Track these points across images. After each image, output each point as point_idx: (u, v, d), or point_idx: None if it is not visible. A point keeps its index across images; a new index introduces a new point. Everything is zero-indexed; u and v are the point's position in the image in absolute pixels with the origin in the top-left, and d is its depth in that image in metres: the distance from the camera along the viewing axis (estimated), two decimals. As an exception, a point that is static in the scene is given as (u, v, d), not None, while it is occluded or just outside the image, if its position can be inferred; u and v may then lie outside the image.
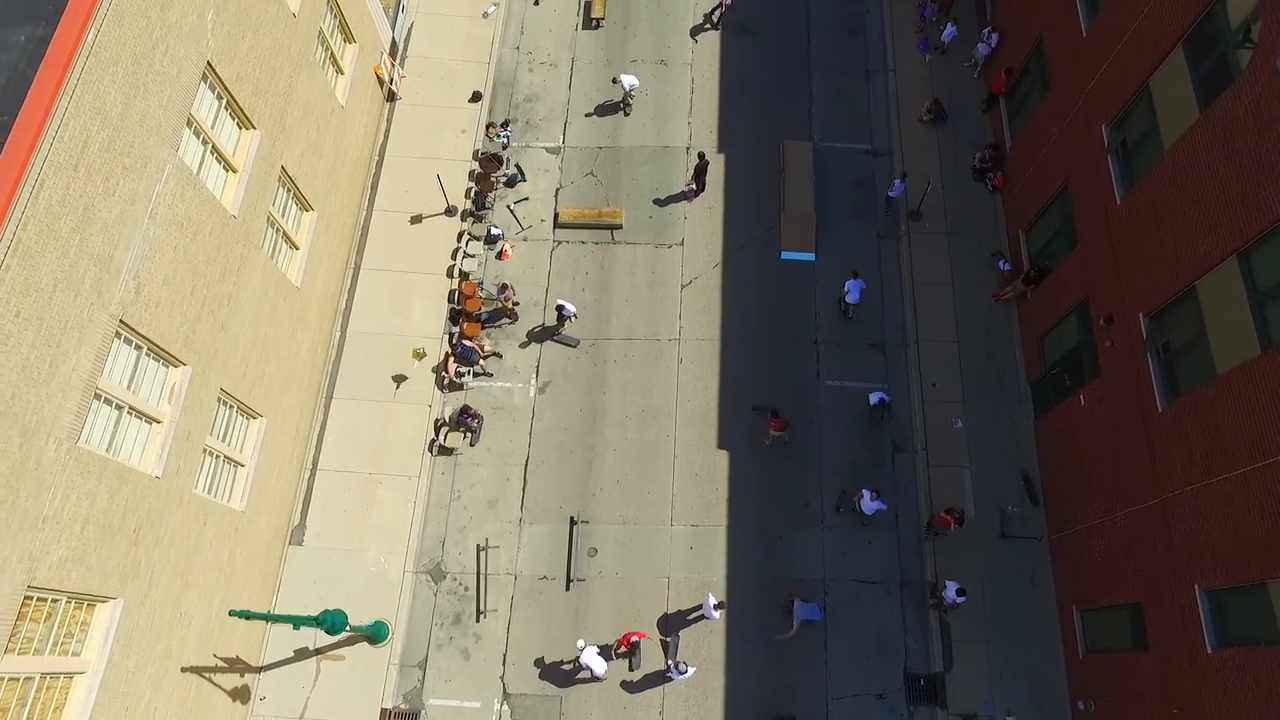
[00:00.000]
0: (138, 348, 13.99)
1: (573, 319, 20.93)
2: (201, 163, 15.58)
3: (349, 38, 21.96)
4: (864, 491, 19.03)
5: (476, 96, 24.60)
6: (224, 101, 16.16)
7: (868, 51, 25.34)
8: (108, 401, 13.33)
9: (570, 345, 21.44)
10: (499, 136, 23.86)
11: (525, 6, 26.23)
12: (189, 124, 15.07)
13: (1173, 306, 15.25)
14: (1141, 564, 15.77)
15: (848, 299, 21.28)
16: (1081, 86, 18.69)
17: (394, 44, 24.81)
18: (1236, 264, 13.49)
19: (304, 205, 19.96)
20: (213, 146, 15.83)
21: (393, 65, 24.27)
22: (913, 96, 24.52)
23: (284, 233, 19.02)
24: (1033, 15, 21.37)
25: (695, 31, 25.57)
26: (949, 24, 24.35)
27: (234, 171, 16.60)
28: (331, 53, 20.96)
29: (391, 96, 24.44)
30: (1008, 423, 20.67)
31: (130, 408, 13.82)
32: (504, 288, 21.14)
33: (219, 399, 16.60)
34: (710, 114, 24.49)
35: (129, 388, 13.81)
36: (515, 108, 24.75)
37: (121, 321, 13.24)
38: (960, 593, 17.83)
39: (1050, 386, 19.94)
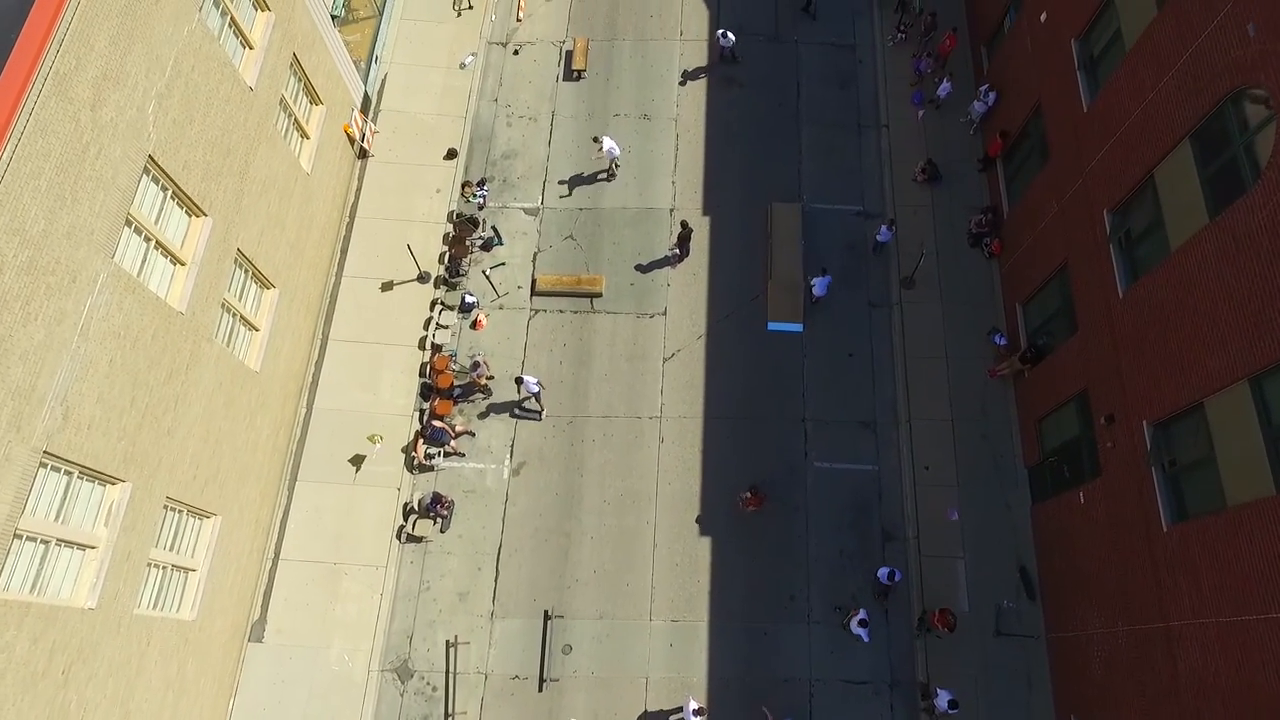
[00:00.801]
0: (67, 473, 13.03)
1: (534, 395, 19.88)
2: (144, 262, 14.61)
3: (315, 99, 20.98)
4: (861, 610, 18.04)
5: (452, 154, 23.61)
6: (170, 192, 15.18)
7: (860, 105, 24.35)
8: (31, 539, 12.37)
9: (534, 419, 20.47)
10: (475, 196, 22.89)
11: (504, 56, 25.24)
12: (128, 224, 14.10)
13: (1179, 420, 14.30)
14: (1145, 692, 14.82)
15: (815, 292, 21.08)
16: (1082, 164, 17.73)
17: (366, 98, 23.82)
18: (1248, 390, 12.54)
19: (265, 284, 18.98)
20: (156, 242, 14.86)
21: (364, 121, 23.28)
22: (907, 153, 23.54)
23: (241, 317, 18.05)
24: (1031, 79, 20.40)
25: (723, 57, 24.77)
26: (945, 79, 23.38)
27: (182, 264, 15.63)
28: (295, 119, 19.98)
29: (363, 154, 23.45)
30: (1003, 508, 19.72)
31: (59, 539, 12.87)
32: (476, 365, 20.19)
33: (166, 507, 15.64)
34: (695, 172, 23.50)
35: (57, 518, 12.84)
36: (492, 165, 23.75)
37: (46, 452, 12.28)
38: (953, 705, 16.88)
39: (1049, 474, 19.00)
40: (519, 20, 25.78)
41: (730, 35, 23.65)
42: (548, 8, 25.97)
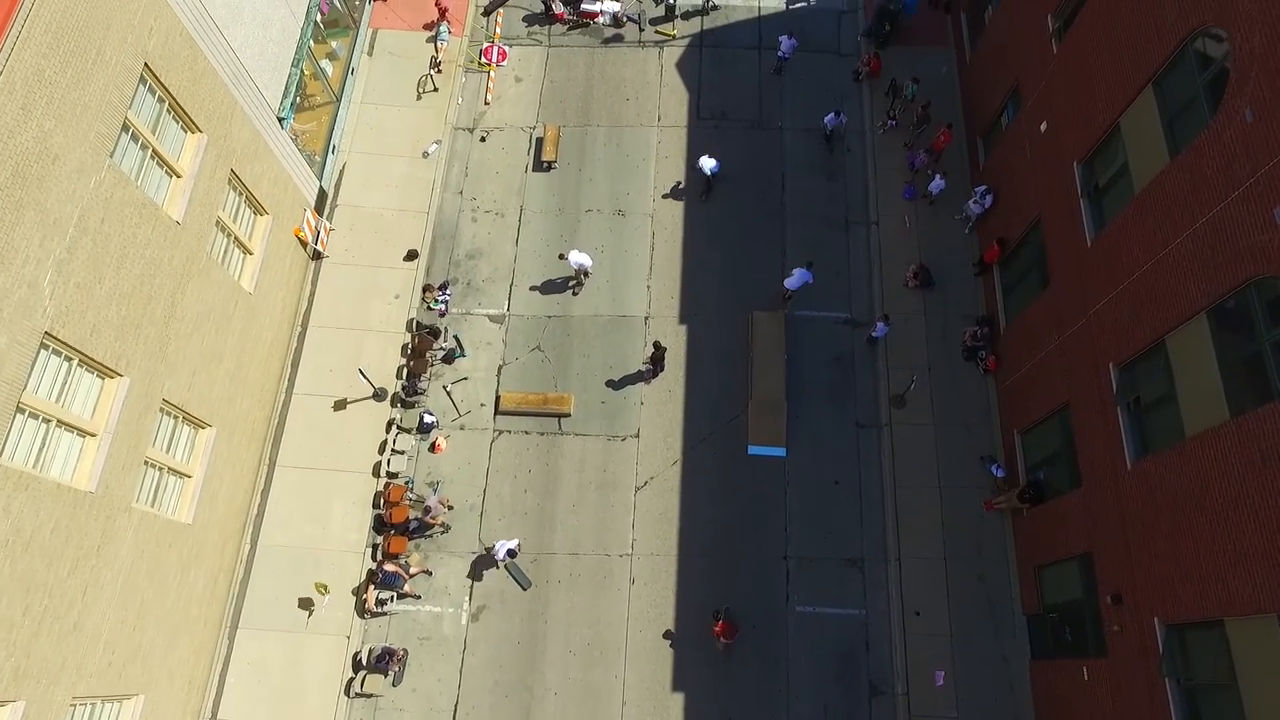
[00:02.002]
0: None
1: (506, 558, 18.37)
2: (42, 448, 13.12)
3: (260, 210, 19.48)
4: None
5: (413, 255, 22.10)
6: (74, 362, 13.70)
7: (848, 199, 22.87)
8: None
9: (522, 586, 18.92)
10: (437, 302, 21.40)
11: (470, 144, 23.73)
12: (21, 410, 12.61)
13: (1196, 629, 12.86)
14: None
15: (787, 284, 20.63)
16: (1085, 303, 16.27)
17: (322, 193, 22.31)
18: (1278, 625, 11.10)
19: (198, 425, 17.49)
20: (58, 421, 13.37)
21: (318, 220, 21.79)
22: (897, 253, 22.07)
23: (170, 469, 16.57)
24: (1031, 192, 18.96)
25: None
26: (938, 175, 21.90)
27: (91, 436, 14.14)
28: (235, 237, 18.49)
29: (317, 255, 21.96)
30: (1000, 662, 18.27)
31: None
32: (428, 510, 18.71)
33: (73, 705, 14.16)
34: (672, 275, 22.01)
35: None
36: (456, 265, 22.26)
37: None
38: None
39: (1049, 630, 17.56)
40: (487, 103, 24.28)
41: (712, 160, 21.91)
42: (518, 89, 24.47)
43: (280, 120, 19.83)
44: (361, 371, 19.63)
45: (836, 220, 22.60)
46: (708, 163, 21.87)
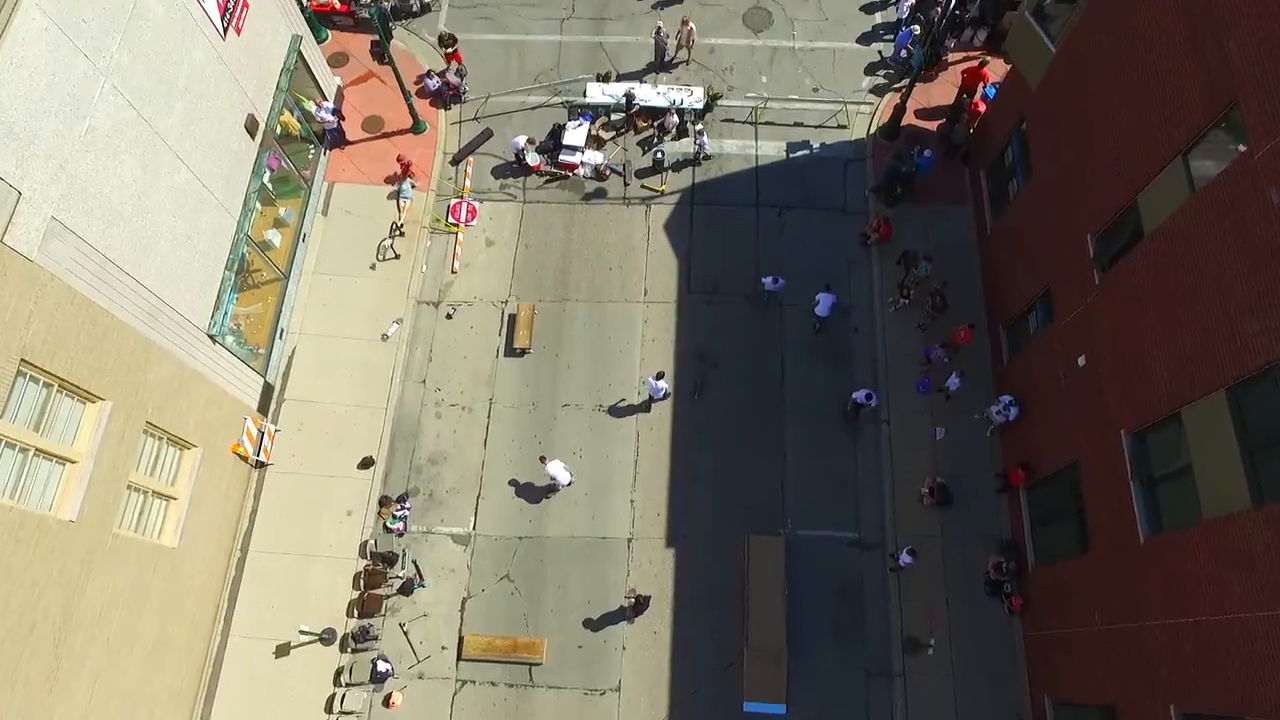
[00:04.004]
0: None
1: None
2: None
3: (187, 446, 17.08)
4: None
5: (368, 462, 19.70)
6: (-73, 753, 11.34)
7: (855, 389, 20.44)
8: None
9: None
10: (395, 518, 19.03)
11: (435, 321, 21.30)
12: None
13: None
14: None
15: (817, 310, 20.05)
16: (1138, 607, 13.94)
17: (267, 388, 19.89)
18: None
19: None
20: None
21: (262, 424, 19.39)
22: (911, 458, 19.71)
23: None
24: (1066, 431, 16.61)
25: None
26: (956, 375, 19.55)
27: (-47, 828, 11.79)
28: (155, 491, 16.09)
29: (261, 464, 19.55)
30: None
31: None
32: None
33: None
34: (659, 487, 19.62)
35: None
36: (417, 472, 19.85)
37: None
38: None
39: None
40: (454, 272, 21.84)
41: (662, 386, 19.49)
42: (488, 256, 22.03)
43: (212, 338, 17.42)
44: (303, 630, 17.26)
45: (843, 419, 20.19)
46: (656, 388, 19.59)
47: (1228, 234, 12.01)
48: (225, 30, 17.34)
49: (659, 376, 19.40)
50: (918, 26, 23.42)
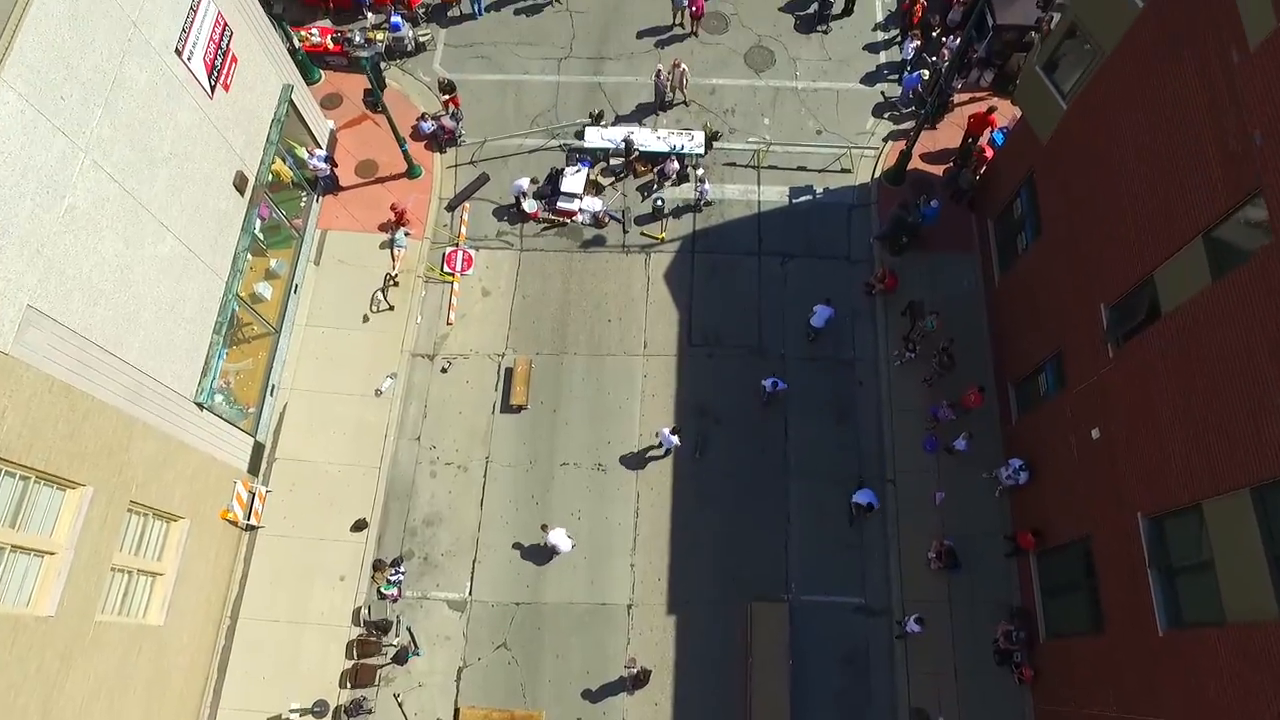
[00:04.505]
0: None
1: None
2: None
3: (173, 518, 16.58)
4: None
5: (361, 525, 19.21)
6: None
7: (860, 449, 19.97)
8: None
9: None
10: (389, 584, 18.53)
11: (430, 375, 20.80)
12: None
13: None
14: None
15: (813, 321, 20.35)
16: (1158, 705, 13.46)
17: (257, 448, 19.39)
18: None
19: (88, 820, 14.62)
20: None
21: (253, 486, 18.90)
22: (918, 520, 19.22)
23: None
24: (1080, 502, 16.13)
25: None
26: (962, 437, 19.07)
27: None
28: (139, 570, 15.59)
29: (251, 527, 19.05)
30: None
31: None
32: None
33: None
34: (660, 550, 19.13)
35: None
36: (411, 534, 19.36)
37: None
38: None
39: None
40: (450, 323, 21.33)
41: (674, 439, 19.05)
42: (485, 306, 21.53)
43: (200, 405, 16.93)
44: (294, 709, 16.77)
45: (848, 478, 19.67)
46: (669, 439, 19.18)
47: (1253, 327, 11.53)
48: (213, 88, 16.85)
49: (674, 431, 19.04)
50: (926, 72, 22.93)
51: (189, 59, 15.93)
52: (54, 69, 12.58)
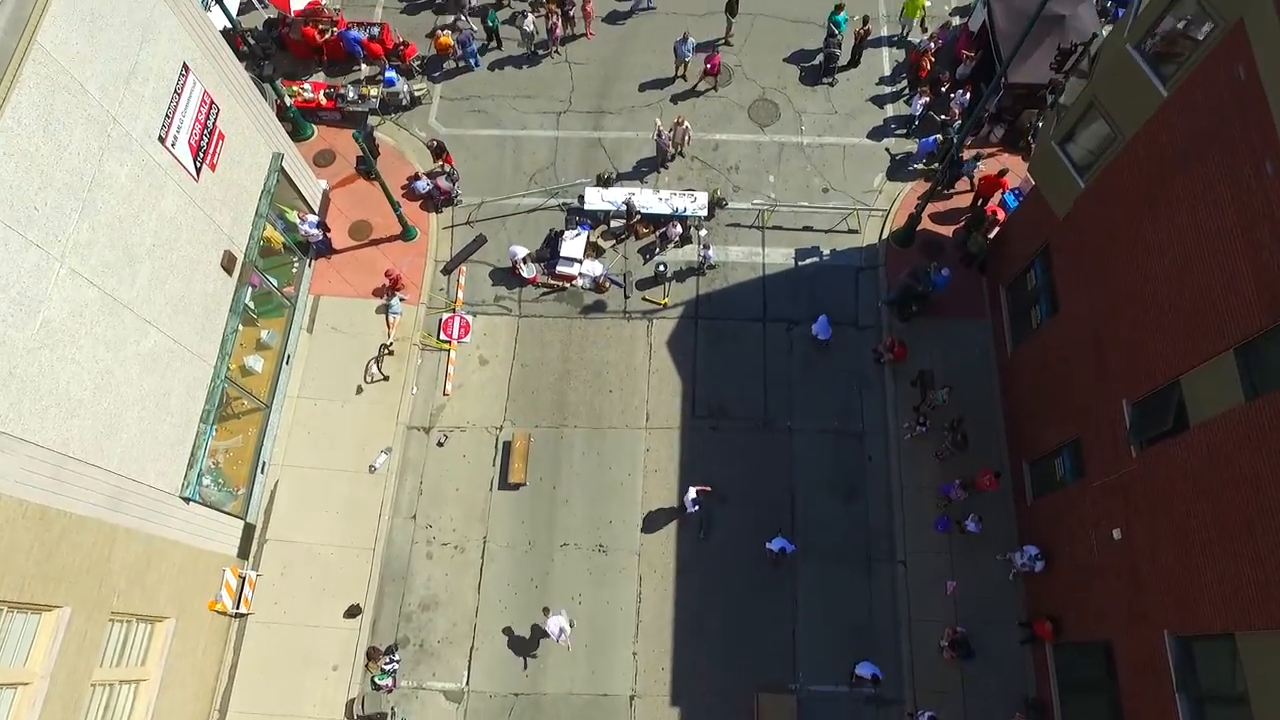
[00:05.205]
0: None
1: None
2: None
3: (158, 620, 15.95)
4: None
5: (354, 611, 18.59)
6: None
7: (870, 528, 19.36)
8: None
9: None
10: (384, 673, 17.90)
11: (426, 450, 20.17)
12: None
13: None
14: None
15: (817, 334, 20.56)
16: (1185, 835, 12.87)
17: (248, 530, 18.78)
18: None
19: None
20: None
21: (243, 572, 18.29)
22: (929, 606, 18.61)
23: None
24: (1098, 602, 15.51)
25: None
26: (972, 519, 18.47)
27: None
28: (121, 680, 14.96)
29: (241, 614, 18.43)
30: None
31: None
32: None
33: None
34: (663, 637, 18.50)
35: None
36: (407, 620, 18.74)
37: None
38: None
39: None
40: (446, 394, 20.71)
41: (697, 498, 18.67)
42: (482, 375, 20.90)
43: (186, 500, 16.31)
44: (283, 818, 16.19)
45: (856, 557, 19.11)
46: (695, 503, 18.63)
47: (1291, 461, 10.92)
48: (199, 171, 16.23)
49: (695, 500, 18.63)
50: (940, 136, 22.30)
51: (173, 144, 15.30)
52: (26, 180, 11.95)
